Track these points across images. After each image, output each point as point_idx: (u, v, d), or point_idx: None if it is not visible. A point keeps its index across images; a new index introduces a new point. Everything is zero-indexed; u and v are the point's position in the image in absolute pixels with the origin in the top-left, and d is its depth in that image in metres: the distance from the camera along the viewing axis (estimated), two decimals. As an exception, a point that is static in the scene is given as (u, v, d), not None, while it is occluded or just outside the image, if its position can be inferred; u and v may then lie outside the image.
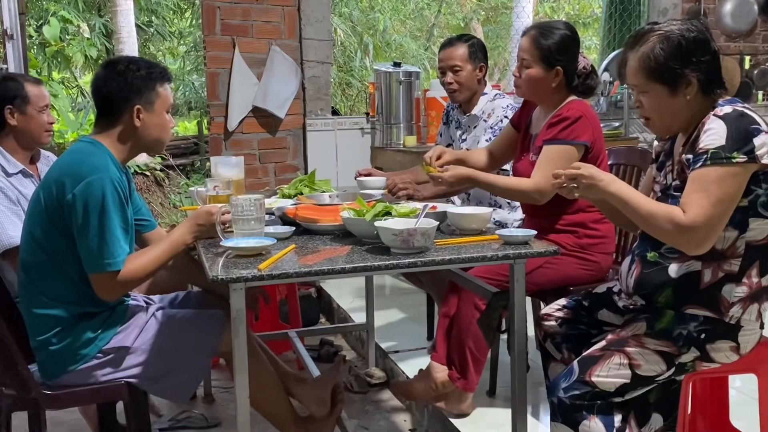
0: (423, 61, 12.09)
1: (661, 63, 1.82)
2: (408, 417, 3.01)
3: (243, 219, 2.07)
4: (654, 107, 1.88)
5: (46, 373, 2.10)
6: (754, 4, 5.87)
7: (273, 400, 2.28)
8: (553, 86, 2.54)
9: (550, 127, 2.49)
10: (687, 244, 1.78)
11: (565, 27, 2.57)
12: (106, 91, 2.14)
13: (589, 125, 2.48)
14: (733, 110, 1.78)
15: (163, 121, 2.20)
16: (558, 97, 2.57)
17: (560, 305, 2.20)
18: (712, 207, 1.73)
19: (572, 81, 2.56)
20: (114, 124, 2.15)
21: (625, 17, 6.08)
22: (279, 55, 4.73)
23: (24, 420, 2.28)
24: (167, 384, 2.17)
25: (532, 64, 2.53)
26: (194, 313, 2.29)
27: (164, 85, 2.20)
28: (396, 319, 3.83)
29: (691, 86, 1.82)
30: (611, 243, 2.61)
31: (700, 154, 1.76)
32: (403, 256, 1.94)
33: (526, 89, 2.59)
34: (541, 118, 2.62)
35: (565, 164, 2.39)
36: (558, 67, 2.52)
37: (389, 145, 4.85)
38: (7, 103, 2.64)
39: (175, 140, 10.00)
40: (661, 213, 1.79)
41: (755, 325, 1.86)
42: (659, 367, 1.84)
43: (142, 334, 2.16)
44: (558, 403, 1.86)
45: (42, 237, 2.07)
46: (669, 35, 1.82)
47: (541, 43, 2.52)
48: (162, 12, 13.07)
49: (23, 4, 4.44)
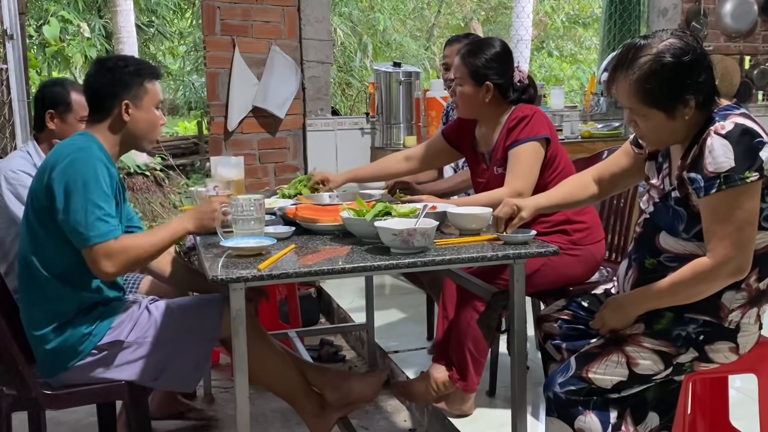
0: (423, 61, 12.09)
1: (657, 91, 1.76)
2: (408, 417, 3.01)
3: (243, 219, 2.07)
4: (651, 129, 1.84)
5: (46, 371, 2.10)
6: (754, 4, 5.87)
7: (282, 377, 2.27)
8: (486, 101, 2.59)
9: (509, 131, 2.54)
10: (731, 278, 1.78)
11: (495, 44, 2.63)
12: (96, 88, 2.19)
13: (544, 120, 2.56)
14: (734, 126, 1.74)
15: (152, 116, 2.23)
16: (498, 110, 2.61)
17: (560, 306, 2.20)
18: (738, 231, 1.73)
19: (506, 94, 2.60)
20: (103, 119, 2.19)
21: (625, 17, 6.08)
22: (279, 55, 4.73)
23: (24, 420, 2.28)
24: (170, 375, 2.16)
25: (462, 81, 2.60)
26: (191, 299, 2.29)
27: (153, 81, 2.23)
28: (396, 319, 3.83)
29: (689, 107, 1.78)
30: (599, 229, 2.65)
31: (712, 179, 1.73)
32: (403, 256, 1.94)
33: (461, 107, 2.65)
34: (488, 134, 2.66)
35: (531, 160, 2.52)
36: (488, 83, 2.55)
37: (389, 145, 4.85)
38: (51, 108, 2.70)
39: (175, 140, 10.02)
40: (691, 277, 1.79)
41: (754, 326, 1.87)
42: (657, 366, 1.84)
43: (136, 328, 2.15)
44: (554, 398, 1.86)
45: (28, 234, 2.10)
46: (663, 60, 1.75)
47: (469, 60, 2.58)
48: (162, 12, 13.07)
49: (23, 4, 4.44)
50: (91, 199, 2.00)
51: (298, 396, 2.29)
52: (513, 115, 2.57)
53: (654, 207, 1.94)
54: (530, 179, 2.50)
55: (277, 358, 2.27)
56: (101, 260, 2.00)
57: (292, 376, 2.29)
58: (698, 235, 1.82)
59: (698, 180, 1.77)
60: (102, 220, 2.00)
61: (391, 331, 3.62)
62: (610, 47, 6.15)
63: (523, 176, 2.48)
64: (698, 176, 1.77)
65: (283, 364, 2.28)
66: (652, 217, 1.94)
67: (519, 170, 2.49)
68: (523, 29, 8.56)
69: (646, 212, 1.98)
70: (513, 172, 2.50)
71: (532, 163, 2.51)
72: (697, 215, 1.80)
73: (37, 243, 2.09)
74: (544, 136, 2.52)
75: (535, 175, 2.51)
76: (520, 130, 2.51)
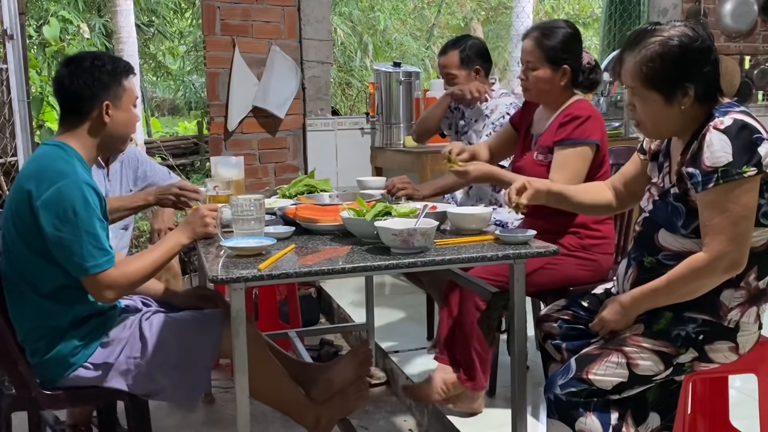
0: (423, 60, 12.08)
1: (659, 72, 1.79)
2: (408, 417, 3.01)
3: (243, 219, 2.07)
4: (647, 113, 1.86)
5: (43, 378, 2.09)
6: (754, 4, 5.87)
7: (279, 389, 2.24)
8: (561, 85, 2.55)
9: (561, 126, 2.50)
10: (726, 273, 1.78)
11: (566, 25, 2.58)
12: (72, 89, 2.08)
13: (598, 125, 2.51)
14: (733, 122, 1.75)
15: (130, 115, 2.17)
16: (565, 95, 2.58)
17: (560, 306, 2.20)
18: (734, 226, 1.73)
19: (578, 78, 2.58)
20: (81, 123, 2.10)
21: (625, 17, 6.08)
22: (279, 55, 4.73)
23: (24, 420, 2.28)
24: (168, 394, 2.13)
25: (538, 65, 2.53)
26: (190, 317, 2.21)
27: (129, 78, 2.15)
28: (396, 319, 3.83)
29: (687, 97, 1.79)
30: (611, 244, 2.62)
31: (709, 174, 1.74)
32: (403, 256, 1.94)
33: (535, 91, 2.59)
34: (545, 118, 2.63)
35: (581, 164, 2.46)
36: (565, 66, 2.53)
37: (389, 145, 4.85)
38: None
39: (175, 140, 10.01)
40: (687, 273, 1.79)
41: (754, 326, 1.87)
42: (657, 367, 1.84)
43: (127, 347, 2.09)
44: (555, 399, 1.86)
45: (13, 251, 2.04)
46: (670, 43, 1.78)
47: (545, 43, 2.52)
48: (162, 12, 13.06)
49: (23, 4, 4.43)
50: (84, 228, 1.94)
51: (295, 409, 2.27)
52: (569, 109, 2.52)
53: (653, 205, 1.94)
54: (576, 182, 2.43)
55: (274, 369, 2.22)
56: (103, 290, 1.98)
57: (287, 389, 2.25)
58: (696, 231, 1.82)
59: (696, 175, 1.77)
60: (98, 248, 1.96)
61: (391, 331, 3.62)
62: (610, 47, 6.15)
63: (569, 179, 2.42)
64: (696, 171, 1.78)
65: (281, 376, 2.24)
66: (652, 215, 1.95)
67: (567, 171, 2.43)
68: (523, 29, 8.52)
69: (645, 211, 1.98)
70: (560, 172, 2.44)
71: (580, 167, 2.46)
72: (696, 210, 1.81)
73: (23, 263, 2.03)
74: (595, 141, 2.47)
75: (581, 179, 2.46)
76: (572, 129, 2.46)
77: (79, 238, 1.94)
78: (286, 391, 2.25)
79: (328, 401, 2.30)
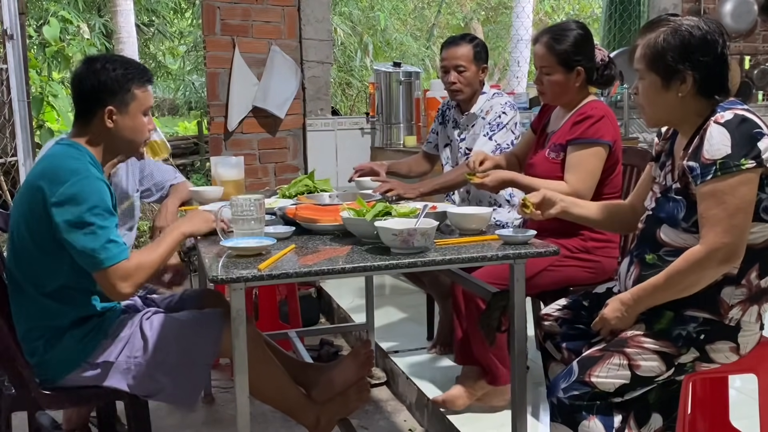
0: (423, 60, 12.08)
1: (660, 53, 1.81)
2: (408, 417, 3.00)
3: (243, 219, 2.07)
4: (646, 96, 1.88)
5: (43, 377, 2.09)
6: (754, 4, 5.88)
7: (279, 389, 2.24)
8: (576, 86, 2.58)
9: (574, 125, 2.52)
10: (723, 265, 1.77)
11: (576, 26, 2.59)
12: (81, 90, 2.08)
13: (611, 125, 2.53)
14: (734, 116, 1.76)
15: (138, 123, 2.13)
16: (580, 95, 2.61)
17: (560, 305, 2.20)
18: (730, 218, 1.73)
19: (593, 76, 2.61)
20: (88, 125, 2.10)
21: (625, 17, 6.09)
22: (279, 55, 4.74)
23: (24, 420, 2.28)
24: (167, 394, 2.12)
25: (552, 70, 2.55)
26: (190, 317, 2.21)
27: (143, 86, 2.12)
28: (396, 319, 3.83)
29: (684, 84, 1.81)
30: (615, 247, 2.62)
31: (708, 166, 1.75)
32: (403, 256, 1.94)
33: (551, 95, 2.62)
34: (560, 117, 2.66)
35: (596, 164, 2.48)
36: (578, 68, 2.55)
37: (389, 145, 4.85)
38: None
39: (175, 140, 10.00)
40: (684, 266, 1.79)
41: (755, 326, 1.86)
42: (659, 367, 1.84)
43: (127, 347, 2.09)
44: (557, 403, 1.86)
45: (21, 249, 2.04)
46: (678, 29, 1.81)
47: (557, 48, 2.54)
48: (162, 12, 13.06)
49: (23, 4, 4.44)
50: (99, 223, 1.95)
51: (296, 410, 2.27)
52: (583, 109, 2.55)
53: (656, 202, 1.95)
54: (591, 183, 2.47)
55: (275, 370, 2.22)
56: (118, 282, 1.96)
57: (288, 389, 2.25)
58: (697, 225, 1.82)
59: (696, 168, 1.79)
60: (113, 241, 1.97)
61: (391, 331, 3.62)
62: (610, 47, 6.15)
63: (584, 179, 2.45)
64: (696, 164, 1.79)
65: (282, 376, 2.24)
66: (654, 212, 1.95)
67: (581, 172, 2.46)
68: (523, 29, 8.56)
69: (648, 209, 1.99)
70: (575, 172, 2.46)
71: (594, 167, 2.47)
72: (696, 203, 1.81)
73: (29, 261, 2.03)
74: (608, 142, 2.49)
75: (596, 180, 2.48)
76: (585, 128, 2.48)
77: (93, 233, 1.95)
78: (286, 390, 2.24)
79: (329, 401, 2.31)
